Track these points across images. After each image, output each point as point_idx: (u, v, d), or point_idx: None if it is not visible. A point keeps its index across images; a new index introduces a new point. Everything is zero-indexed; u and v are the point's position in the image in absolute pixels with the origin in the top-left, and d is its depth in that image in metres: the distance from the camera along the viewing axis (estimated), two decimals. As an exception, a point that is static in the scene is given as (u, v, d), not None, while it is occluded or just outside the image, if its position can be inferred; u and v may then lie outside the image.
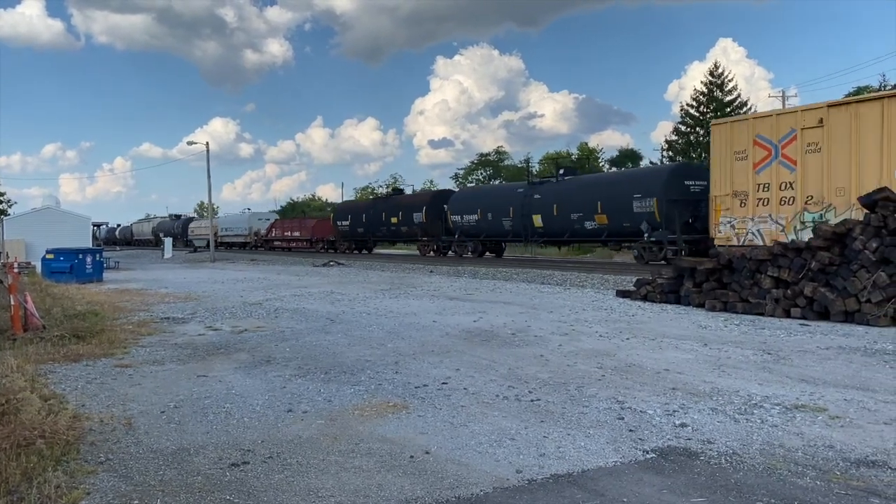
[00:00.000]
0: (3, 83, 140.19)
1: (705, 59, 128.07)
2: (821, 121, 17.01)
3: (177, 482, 4.07)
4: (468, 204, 30.88)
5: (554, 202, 25.15)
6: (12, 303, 9.42)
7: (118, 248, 66.86)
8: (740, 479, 4.02)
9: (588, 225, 23.76)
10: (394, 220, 35.38)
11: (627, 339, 9.06)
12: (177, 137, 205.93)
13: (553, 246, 28.63)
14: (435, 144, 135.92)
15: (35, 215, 31.07)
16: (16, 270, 11.12)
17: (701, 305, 12.31)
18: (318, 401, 5.97)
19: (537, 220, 25.87)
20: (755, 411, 5.45)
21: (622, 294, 14.44)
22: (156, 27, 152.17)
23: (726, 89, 49.54)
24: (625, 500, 3.74)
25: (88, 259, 22.46)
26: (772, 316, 11.01)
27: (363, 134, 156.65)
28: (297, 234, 44.71)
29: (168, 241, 45.88)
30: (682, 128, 49.60)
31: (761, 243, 17.58)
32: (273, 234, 47.56)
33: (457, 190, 40.21)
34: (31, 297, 10.45)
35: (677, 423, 5.18)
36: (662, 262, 20.94)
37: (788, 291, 11.00)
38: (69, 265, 21.74)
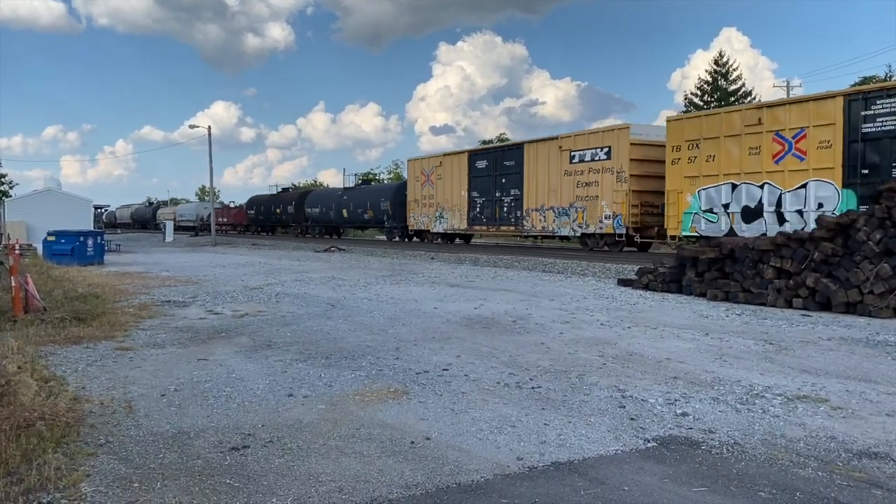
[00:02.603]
0: (4, 65, 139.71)
1: (709, 48, 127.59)
2: (441, 163, 31.67)
3: (177, 465, 4.06)
4: (315, 201, 44.26)
5: (352, 202, 39.61)
6: (13, 284, 9.41)
7: (119, 230, 67.17)
8: (742, 468, 4.01)
9: (365, 216, 38.58)
10: (278, 210, 49.06)
11: (629, 327, 9.04)
12: (178, 121, 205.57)
13: (356, 229, 44.62)
14: (436, 131, 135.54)
15: (36, 197, 30.97)
16: (17, 252, 11.10)
17: (702, 295, 12.29)
18: (319, 385, 5.96)
19: (345, 213, 40.08)
20: (757, 401, 5.44)
21: (623, 283, 14.42)
22: (157, 10, 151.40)
23: (731, 78, 49.31)
24: (626, 488, 3.73)
25: (90, 241, 22.43)
26: (773, 306, 10.99)
27: (365, 119, 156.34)
28: (225, 220, 56.97)
29: (169, 225, 45.84)
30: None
31: (423, 228, 33.30)
32: (211, 219, 58.15)
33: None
34: (31, 279, 10.43)
35: (679, 412, 5.16)
36: (397, 239, 35.93)
37: (791, 282, 10.97)
38: (70, 247, 21.72)
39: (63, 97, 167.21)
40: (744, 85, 49.12)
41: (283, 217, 48.81)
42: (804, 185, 17.28)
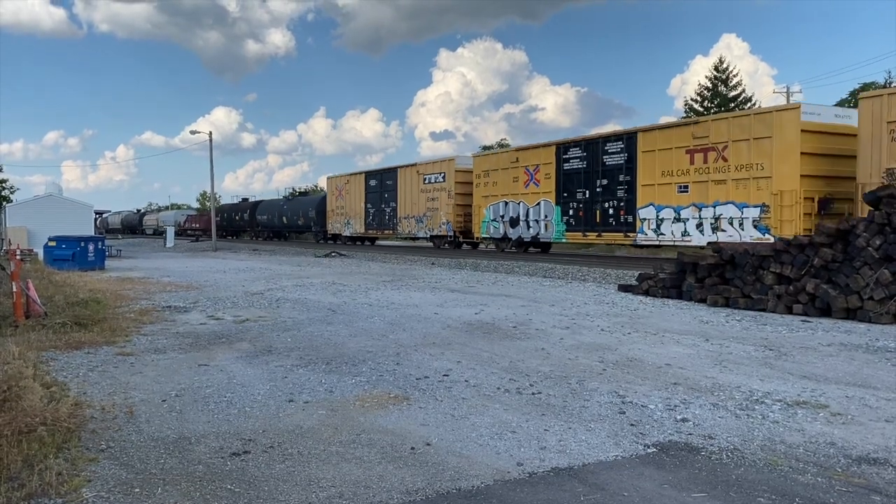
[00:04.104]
0: (5, 71, 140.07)
1: (709, 54, 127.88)
2: (348, 181, 39.32)
3: (178, 471, 4.07)
4: (264, 210, 51.92)
5: (289, 211, 47.69)
6: (14, 290, 9.43)
7: (119, 236, 68.05)
8: (741, 474, 4.02)
9: (299, 223, 46.50)
10: (237, 218, 57.09)
11: (629, 333, 9.05)
12: (179, 126, 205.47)
13: (294, 233, 50.83)
14: (436, 136, 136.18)
15: (37, 202, 30.98)
16: (18, 257, 11.11)
17: (702, 301, 12.30)
18: (320, 391, 5.97)
19: (284, 219, 48.29)
20: (756, 407, 5.45)
21: (624, 288, 14.43)
22: (157, 16, 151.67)
23: (731, 84, 49.39)
24: (625, 494, 3.74)
25: (91, 247, 22.45)
26: (773, 312, 11.00)
27: (365, 125, 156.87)
28: (197, 225, 63.61)
29: (170, 231, 45.98)
30: (686, 123, 49.50)
31: (337, 232, 40.71)
32: (186, 225, 65.39)
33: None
34: (32, 284, 10.45)
35: (678, 417, 5.17)
36: (321, 241, 43.13)
37: (791, 288, 10.98)
38: (71, 253, 21.75)
39: (64, 102, 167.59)
40: (744, 91, 49.17)
41: (241, 223, 56.59)
42: (539, 203, 25.36)
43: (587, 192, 23.39)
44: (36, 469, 3.92)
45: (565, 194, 24.25)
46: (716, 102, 48.22)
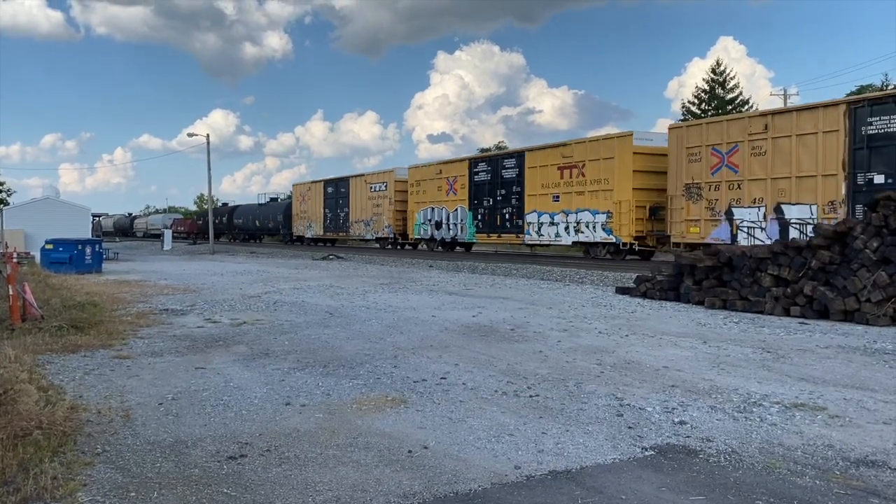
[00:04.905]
0: (3, 73, 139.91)
1: (706, 56, 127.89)
2: (310, 188, 43.92)
3: (174, 474, 4.05)
4: (240, 214, 56.98)
5: (262, 215, 52.51)
6: (11, 293, 9.39)
7: (118, 239, 68.23)
8: (739, 477, 4.01)
9: (270, 226, 51.44)
10: (217, 221, 57.27)
11: (627, 335, 9.05)
12: (176, 129, 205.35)
13: (267, 235, 54.46)
14: (434, 139, 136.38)
15: (35, 205, 30.92)
16: (15, 260, 11.07)
17: (700, 303, 12.30)
18: (317, 394, 5.96)
19: (257, 223, 53.23)
20: (754, 410, 5.44)
21: (622, 291, 14.43)
22: (154, 19, 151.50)
23: (728, 87, 49.49)
24: (623, 497, 3.73)
25: (88, 250, 22.37)
26: (771, 314, 11.00)
27: (363, 128, 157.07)
28: (182, 228, 68.82)
29: (168, 233, 45.91)
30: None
31: (301, 234, 45.21)
32: (172, 228, 67.20)
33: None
34: (29, 287, 10.42)
35: (676, 420, 5.16)
36: (288, 242, 47.58)
37: (788, 290, 10.99)
38: (68, 255, 21.67)
39: (61, 105, 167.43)
40: (741, 93, 49.31)
41: (220, 226, 59.52)
42: (457, 209, 30.71)
43: (491, 200, 28.63)
44: (31, 473, 3.90)
45: (476, 202, 29.61)
46: (713, 105, 48.33)
